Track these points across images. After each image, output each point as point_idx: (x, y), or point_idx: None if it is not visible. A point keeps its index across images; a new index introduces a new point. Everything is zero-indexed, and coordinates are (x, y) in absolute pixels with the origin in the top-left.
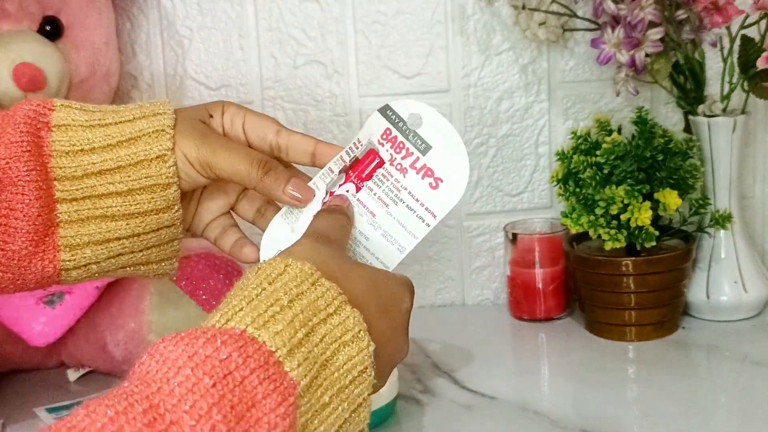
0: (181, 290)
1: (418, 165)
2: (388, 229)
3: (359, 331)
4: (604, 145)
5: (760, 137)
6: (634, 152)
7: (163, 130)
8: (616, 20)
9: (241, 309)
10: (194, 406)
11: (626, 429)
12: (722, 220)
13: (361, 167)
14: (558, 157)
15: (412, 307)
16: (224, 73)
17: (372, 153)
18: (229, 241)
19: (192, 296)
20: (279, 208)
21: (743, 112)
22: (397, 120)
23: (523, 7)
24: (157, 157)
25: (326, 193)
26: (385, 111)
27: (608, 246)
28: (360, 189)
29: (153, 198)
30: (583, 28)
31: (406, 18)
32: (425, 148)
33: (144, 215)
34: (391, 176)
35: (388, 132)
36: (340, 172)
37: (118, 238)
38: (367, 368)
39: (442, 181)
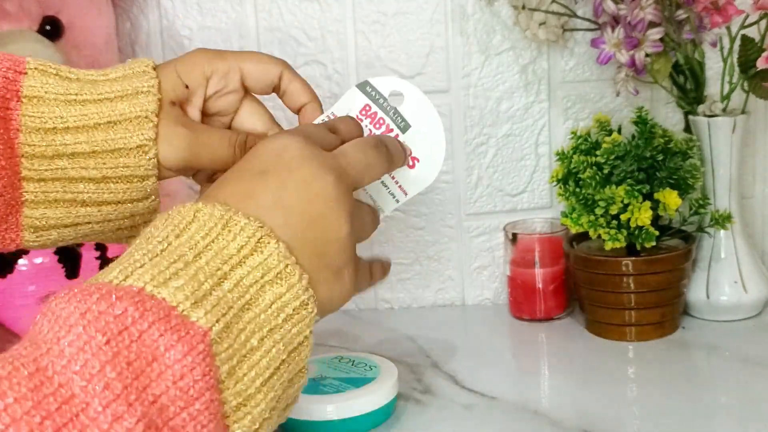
0: None
1: None
2: (359, 198)
3: (286, 266)
4: (604, 145)
5: (760, 137)
6: (634, 152)
7: (146, 117)
8: (616, 20)
9: (142, 265)
10: (85, 365)
11: (626, 429)
12: (722, 220)
13: None
14: (558, 157)
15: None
16: None
17: None
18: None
19: None
20: None
21: (743, 112)
22: (377, 96)
23: (523, 7)
24: (138, 147)
25: None
26: (365, 87)
27: (608, 246)
28: None
29: (129, 188)
30: (583, 28)
31: (406, 18)
32: (405, 126)
33: (118, 204)
34: None
35: (367, 108)
36: None
37: (89, 223)
38: (306, 303)
39: (418, 160)
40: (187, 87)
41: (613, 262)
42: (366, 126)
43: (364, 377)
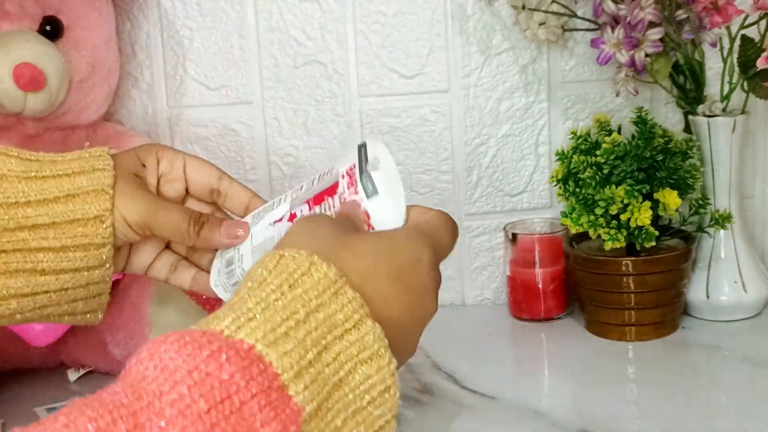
0: (181, 290)
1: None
2: None
3: (379, 348)
4: (604, 145)
5: (760, 137)
6: (634, 152)
7: (102, 190)
8: (616, 20)
9: (254, 317)
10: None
11: (626, 429)
12: (722, 220)
13: (317, 194)
14: (558, 157)
15: (449, 251)
16: (224, 73)
17: (335, 183)
18: (186, 278)
19: (192, 296)
20: None
21: (743, 112)
22: (363, 158)
23: (523, 7)
24: (95, 217)
25: (288, 212)
26: (360, 148)
27: (608, 246)
28: (311, 209)
29: (86, 256)
30: (583, 28)
31: (406, 18)
32: (371, 192)
33: (75, 272)
34: (334, 208)
35: (353, 167)
36: (305, 198)
37: (46, 292)
38: (389, 387)
39: (373, 229)
40: (144, 165)
41: (613, 262)
42: (343, 183)
43: None
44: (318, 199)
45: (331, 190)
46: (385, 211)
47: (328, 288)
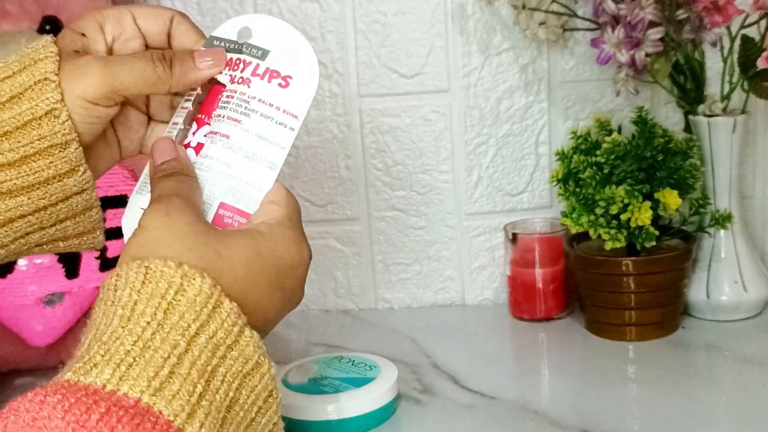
0: None
1: (261, 71)
2: (249, 147)
3: (259, 356)
4: (604, 145)
5: (760, 137)
6: (634, 152)
7: (46, 79)
8: (616, 20)
9: (133, 363)
10: None
11: (626, 429)
12: (722, 220)
13: (208, 105)
14: (558, 156)
15: (310, 259)
16: None
17: (213, 88)
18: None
19: None
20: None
21: (743, 112)
22: (225, 45)
23: (523, 7)
24: (47, 113)
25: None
26: (212, 42)
27: (608, 246)
28: (211, 122)
29: (52, 162)
30: (583, 28)
31: (406, 18)
32: (263, 54)
33: (45, 184)
34: (235, 92)
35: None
36: (186, 122)
37: (22, 216)
38: (272, 392)
39: (291, 77)
40: (83, 35)
41: (613, 262)
42: (225, 74)
43: (364, 377)
44: (207, 112)
45: (214, 94)
46: (292, 57)
47: (205, 305)
